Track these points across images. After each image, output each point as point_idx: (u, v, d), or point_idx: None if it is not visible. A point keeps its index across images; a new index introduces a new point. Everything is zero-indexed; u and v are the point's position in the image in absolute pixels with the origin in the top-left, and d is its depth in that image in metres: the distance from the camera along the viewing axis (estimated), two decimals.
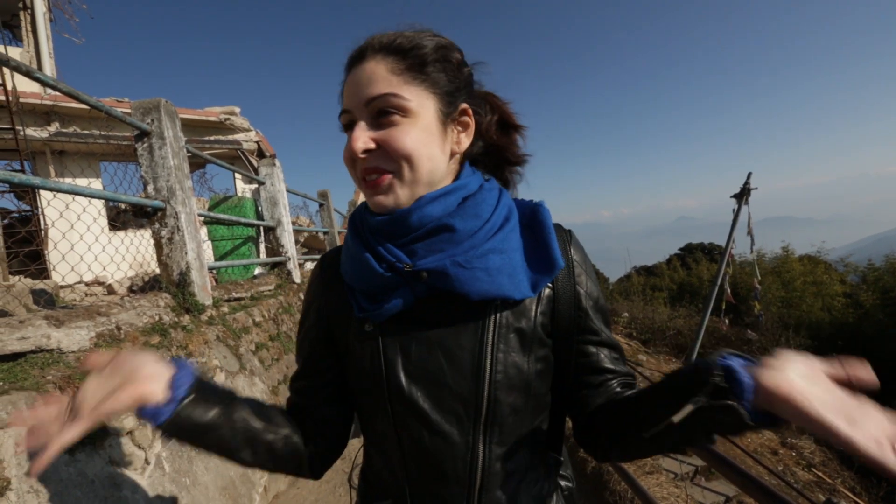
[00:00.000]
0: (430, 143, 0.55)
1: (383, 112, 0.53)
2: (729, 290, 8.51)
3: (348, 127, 0.57)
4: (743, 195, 8.03)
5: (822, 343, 9.07)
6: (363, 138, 0.54)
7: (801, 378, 0.40)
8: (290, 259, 4.27)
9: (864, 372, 0.41)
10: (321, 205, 6.71)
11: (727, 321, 9.15)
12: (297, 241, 5.06)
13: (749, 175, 8.04)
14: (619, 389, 0.61)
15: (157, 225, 2.32)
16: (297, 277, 4.29)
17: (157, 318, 1.91)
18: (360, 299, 0.60)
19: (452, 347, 0.57)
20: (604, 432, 0.59)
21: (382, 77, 0.54)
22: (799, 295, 12.52)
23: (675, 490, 2.61)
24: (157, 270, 2.37)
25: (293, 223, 5.02)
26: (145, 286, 4.64)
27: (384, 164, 0.54)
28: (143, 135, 2.29)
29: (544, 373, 0.60)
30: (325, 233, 6.75)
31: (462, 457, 0.57)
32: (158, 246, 2.33)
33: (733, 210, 8.13)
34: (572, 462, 3.20)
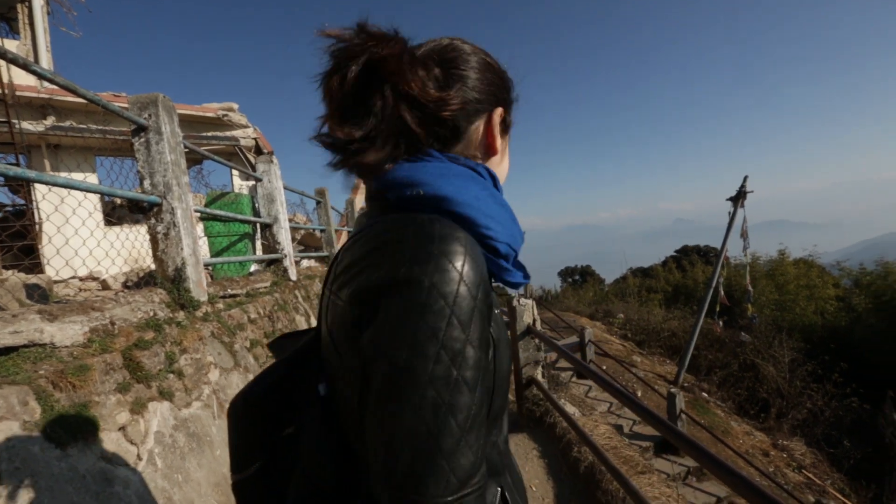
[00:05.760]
0: None
1: None
2: (723, 293, 8.55)
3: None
4: (739, 198, 8.06)
5: (814, 346, 9.12)
6: None
7: None
8: (286, 256, 4.26)
9: None
10: (318, 202, 6.69)
11: (721, 323, 9.19)
12: (293, 239, 5.05)
13: (745, 178, 8.07)
14: None
15: (153, 220, 2.31)
16: (293, 275, 4.29)
17: (151, 313, 1.91)
18: (512, 267, 0.57)
19: None
20: None
21: None
22: (792, 298, 12.59)
23: (666, 490, 2.63)
24: (153, 266, 2.37)
25: (290, 220, 5.01)
26: (140, 282, 4.62)
27: None
28: (140, 130, 2.28)
29: None
30: (322, 230, 6.74)
31: None
32: (154, 241, 2.32)
33: (729, 213, 8.17)
34: (566, 462, 3.22)
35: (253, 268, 4.51)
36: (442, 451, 0.41)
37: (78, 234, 2.23)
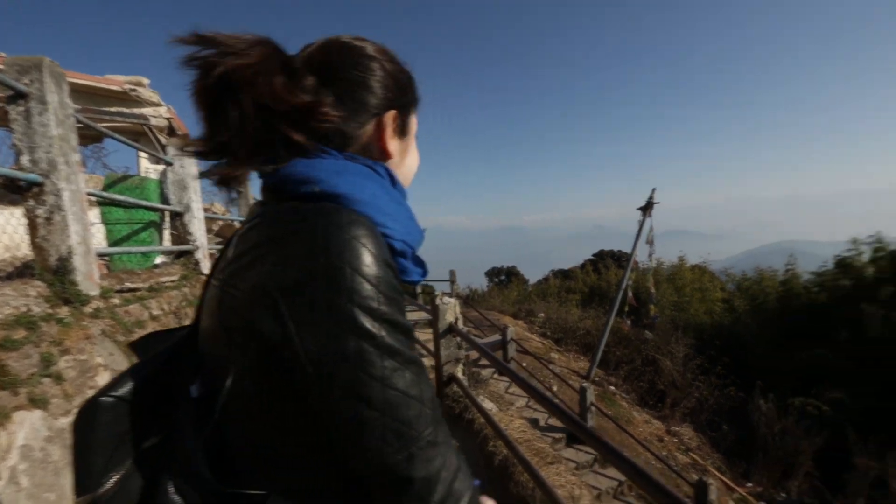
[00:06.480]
0: None
1: None
2: (632, 294, 9.37)
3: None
4: (647, 208, 8.88)
5: (703, 343, 10.31)
6: None
7: None
8: (199, 248, 3.95)
9: None
10: (239, 192, 6.27)
11: (629, 322, 10.07)
12: (209, 230, 4.69)
13: (653, 190, 8.91)
14: None
15: (31, 202, 2.04)
16: (205, 268, 3.98)
17: (24, 308, 1.67)
18: (410, 265, 0.57)
19: None
20: None
21: None
22: (688, 300, 14.14)
23: (572, 478, 2.83)
24: (31, 255, 2.08)
25: (206, 210, 4.64)
26: (14, 273, 4.01)
27: None
28: (18, 97, 2.00)
29: None
30: (241, 222, 6.33)
31: None
32: (33, 226, 2.05)
33: (639, 221, 8.97)
34: (482, 456, 3.33)
35: (159, 260, 4.12)
36: (413, 397, 0.46)
37: None
